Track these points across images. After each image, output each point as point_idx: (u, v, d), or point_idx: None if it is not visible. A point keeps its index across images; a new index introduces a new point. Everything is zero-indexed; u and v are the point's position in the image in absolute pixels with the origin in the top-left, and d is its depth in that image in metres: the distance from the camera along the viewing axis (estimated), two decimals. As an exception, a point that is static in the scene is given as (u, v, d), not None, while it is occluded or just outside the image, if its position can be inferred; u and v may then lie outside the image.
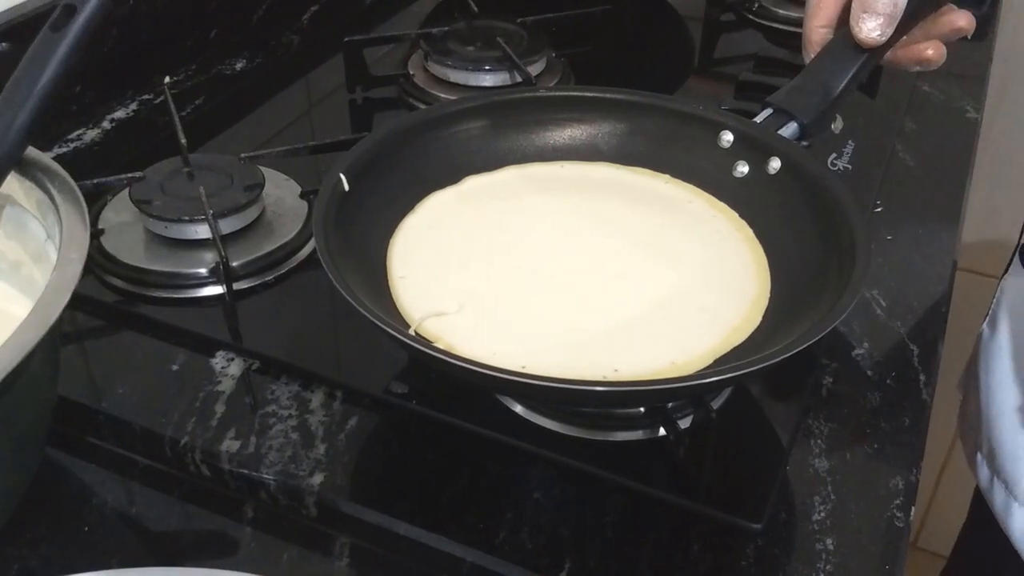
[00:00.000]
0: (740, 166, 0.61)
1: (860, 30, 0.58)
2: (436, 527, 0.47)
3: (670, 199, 0.62)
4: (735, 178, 0.61)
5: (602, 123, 0.65)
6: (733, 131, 0.62)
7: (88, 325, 0.60)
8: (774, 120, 0.60)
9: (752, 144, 0.61)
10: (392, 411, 0.53)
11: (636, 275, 0.56)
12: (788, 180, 0.58)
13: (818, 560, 0.46)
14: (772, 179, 0.59)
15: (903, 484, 0.50)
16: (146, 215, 0.63)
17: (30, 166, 0.49)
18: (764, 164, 0.60)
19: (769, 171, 0.59)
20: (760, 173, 0.60)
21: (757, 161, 0.60)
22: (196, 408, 0.53)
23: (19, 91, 0.47)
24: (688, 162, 0.63)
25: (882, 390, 0.56)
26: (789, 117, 0.60)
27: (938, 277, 0.65)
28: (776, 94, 0.61)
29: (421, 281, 0.56)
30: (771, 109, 0.61)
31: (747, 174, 0.61)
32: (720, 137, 0.62)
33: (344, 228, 0.53)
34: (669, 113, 0.64)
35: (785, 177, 0.59)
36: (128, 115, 0.83)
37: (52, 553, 0.47)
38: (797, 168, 0.58)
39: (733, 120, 0.62)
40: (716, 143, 0.62)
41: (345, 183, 0.55)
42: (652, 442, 0.51)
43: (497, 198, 0.62)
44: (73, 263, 0.42)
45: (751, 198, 0.60)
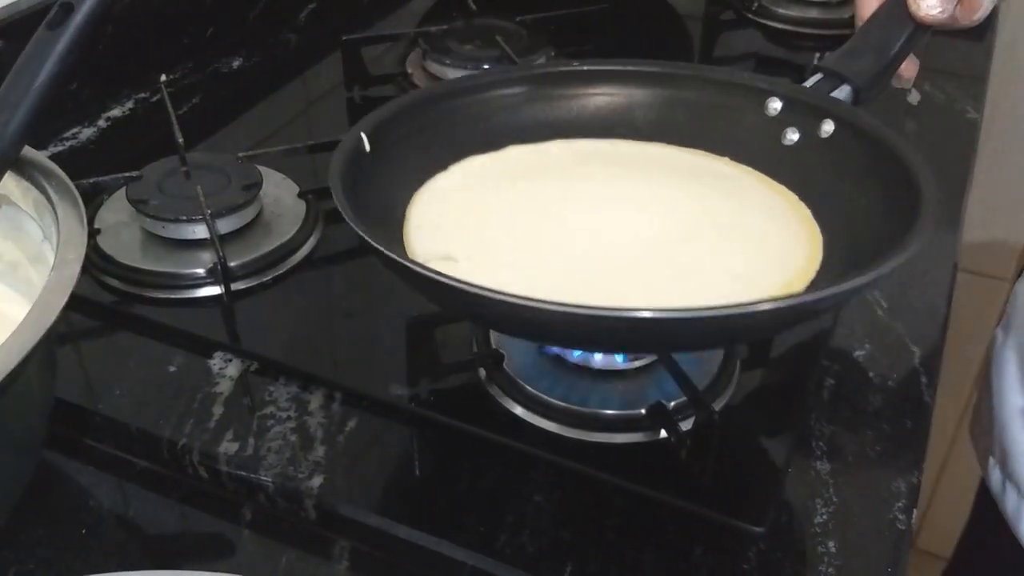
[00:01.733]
0: (790, 133, 0.59)
1: (919, 7, 0.57)
2: (436, 530, 0.47)
3: (720, 175, 0.60)
4: (784, 146, 0.59)
5: (642, 96, 0.63)
6: (782, 97, 0.59)
7: (85, 326, 0.59)
8: (825, 84, 0.58)
9: (802, 109, 0.58)
10: (392, 413, 0.53)
11: (674, 246, 0.54)
12: (843, 141, 0.56)
13: (820, 563, 0.46)
14: (825, 143, 0.57)
15: (905, 486, 0.50)
16: (143, 215, 0.62)
17: (27, 166, 0.48)
18: (816, 128, 0.57)
19: (821, 135, 0.57)
20: (811, 138, 0.57)
21: (808, 126, 0.57)
22: (194, 410, 0.53)
23: (15, 90, 0.46)
24: (733, 133, 0.61)
25: (884, 392, 0.55)
26: (841, 80, 0.58)
27: (939, 278, 0.65)
28: (827, 58, 0.59)
29: (436, 231, 0.54)
30: (821, 74, 0.59)
31: (798, 140, 0.58)
32: (767, 105, 0.59)
33: (361, 188, 0.51)
34: (711, 83, 0.62)
35: (839, 139, 0.56)
36: (124, 113, 0.83)
37: (49, 556, 0.47)
38: (852, 127, 0.55)
39: (781, 86, 0.59)
40: (763, 111, 0.60)
41: (367, 143, 0.53)
42: (653, 444, 0.51)
43: (538, 167, 0.60)
44: (70, 264, 0.41)
45: (803, 165, 0.58)
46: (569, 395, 0.53)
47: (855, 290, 0.42)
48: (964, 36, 1.02)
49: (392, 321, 0.58)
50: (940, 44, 0.99)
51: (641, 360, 0.54)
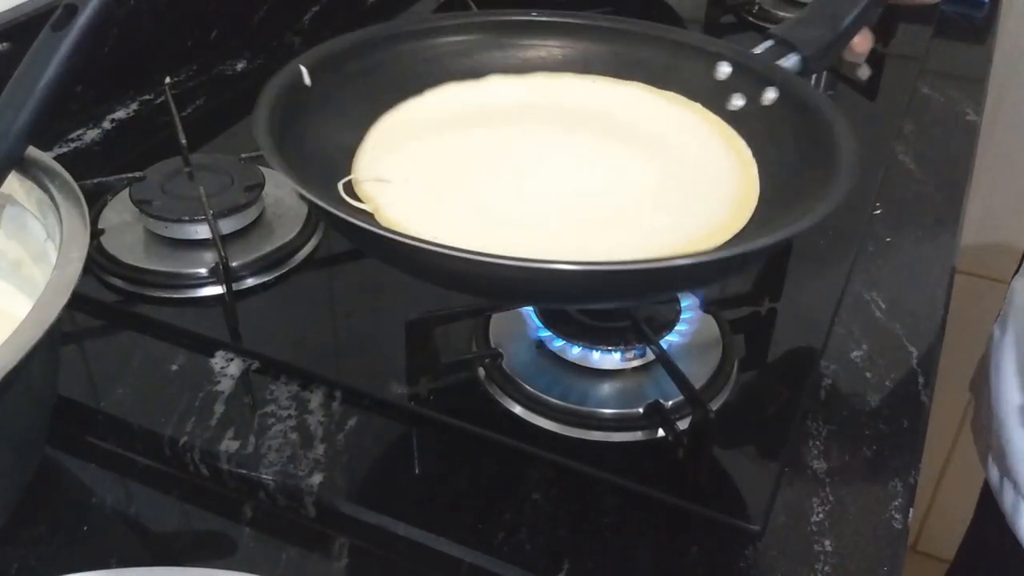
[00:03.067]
0: (735, 99, 0.58)
1: None
2: (435, 528, 0.47)
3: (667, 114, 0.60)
4: (728, 112, 0.59)
5: (593, 50, 0.63)
6: (731, 62, 0.59)
7: (88, 325, 0.60)
8: (775, 52, 0.58)
9: (749, 75, 0.58)
10: (391, 412, 0.53)
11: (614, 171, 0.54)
12: (783, 111, 0.56)
13: (816, 561, 0.46)
14: (766, 111, 0.56)
15: (902, 486, 0.50)
16: (146, 215, 0.63)
17: (31, 166, 0.49)
18: (759, 95, 0.57)
19: (764, 102, 0.57)
20: (755, 105, 0.57)
21: (753, 93, 0.57)
22: (195, 408, 0.53)
23: (20, 91, 0.47)
24: (683, 92, 0.61)
25: (881, 392, 0.56)
26: (790, 48, 0.57)
27: (938, 279, 0.65)
28: (780, 25, 0.59)
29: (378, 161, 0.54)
30: (772, 41, 0.58)
31: (743, 107, 0.58)
32: (717, 68, 0.59)
33: (296, 122, 0.51)
34: (664, 43, 0.61)
35: (780, 108, 0.56)
36: (129, 115, 0.83)
37: (51, 553, 0.47)
38: (793, 97, 0.55)
39: (731, 51, 0.59)
40: (712, 75, 0.59)
41: (307, 76, 0.53)
42: (650, 443, 0.51)
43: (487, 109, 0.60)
44: (73, 262, 0.42)
45: (744, 131, 0.58)
46: (567, 394, 0.53)
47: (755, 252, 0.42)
48: (964, 39, 1.03)
49: (392, 320, 0.58)
50: (940, 47, 1.00)
51: (639, 359, 0.54)
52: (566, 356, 0.55)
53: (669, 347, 0.53)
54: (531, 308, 0.56)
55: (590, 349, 0.54)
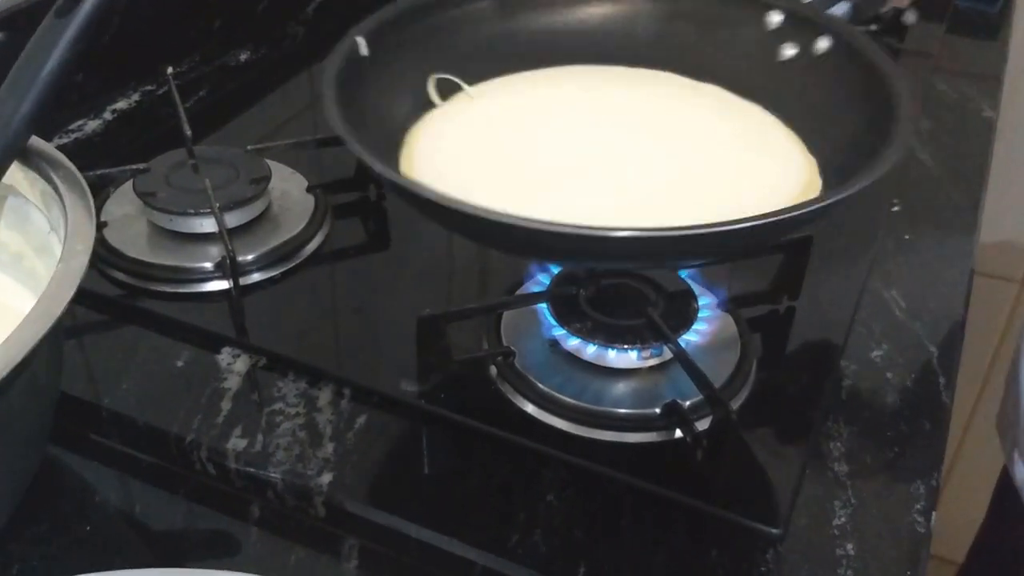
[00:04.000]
0: (787, 49, 0.58)
1: None
2: (447, 529, 0.46)
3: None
4: (778, 63, 0.58)
5: (645, 6, 0.62)
6: (782, 10, 0.58)
7: (91, 320, 0.59)
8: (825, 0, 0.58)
9: (801, 23, 0.58)
10: (402, 410, 0.52)
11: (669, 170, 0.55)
12: (836, 60, 0.55)
13: (839, 565, 0.45)
14: (819, 60, 0.56)
15: (924, 488, 0.49)
16: (150, 208, 0.62)
17: (34, 156, 0.47)
18: (812, 44, 0.57)
19: (816, 52, 0.56)
20: (807, 54, 0.57)
21: (805, 42, 0.57)
22: (202, 405, 0.52)
23: (22, 78, 0.45)
24: (733, 45, 0.60)
25: (902, 393, 0.55)
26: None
27: (957, 278, 0.64)
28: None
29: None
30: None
31: (794, 56, 0.58)
32: (767, 17, 0.59)
33: (357, 98, 0.51)
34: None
35: (833, 57, 0.56)
36: (130, 106, 0.82)
37: (54, 553, 0.46)
38: (847, 46, 0.55)
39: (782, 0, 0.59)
40: (762, 25, 0.59)
41: (364, 47, 0.53)
42: (668, 444, 0.50)
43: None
44: (79, 255, 0.41)
45: (795, 80, 0.57)
46: (582, 393, 0.52)
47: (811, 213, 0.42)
48: (977, 35, 1.02)
49: (402, 317, 0.57)
50: (954, 43, 0.99)
51: (656, 358, 0.53)
52: (581, 355, 0.53)
53: (687, 346, 0.52)
54: (545, 306, 0.55)
55: (606, 348, 0.53)
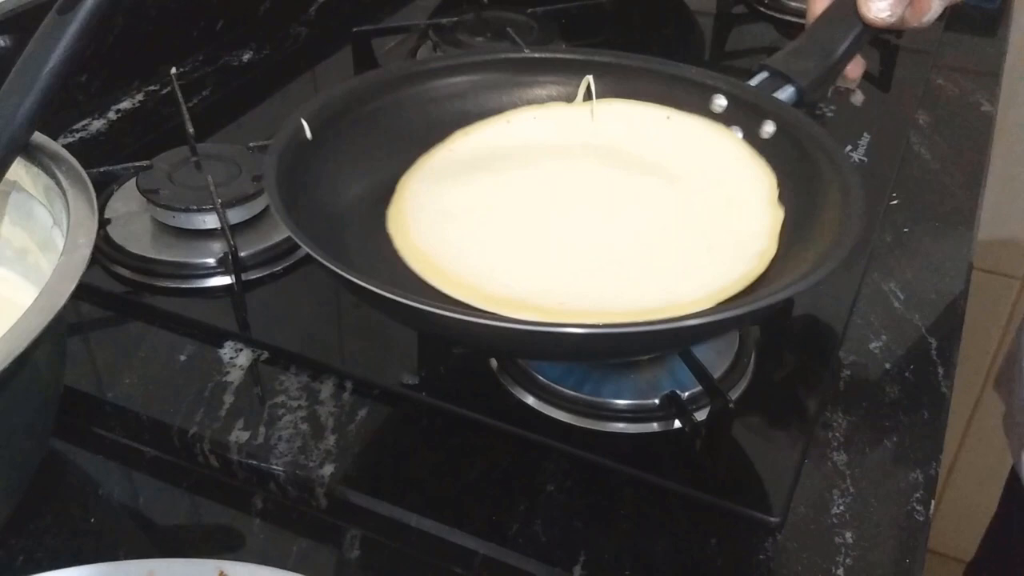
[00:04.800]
0: (734, 132, 0.58)
1: (869, 9, 0.57)
2: (448, 519, 0.46)
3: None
4: None
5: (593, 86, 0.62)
6: (726, 95, 0.58)
7: (95, 316, 0.59)
8: (770, 83, 0.58)
9: (746, 108, 0.58)
10: (403, 402, 0.53)
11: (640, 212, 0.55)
12: (783, 143, 0.55)
13: (837, 554, 0.45)
14: (765, 144, 0.56)
15: (923, 477, 0.49)
16: (154, 204, 0.62)
17: (37, 152, 0.48)
18: (758, 128, 0.57)
19: (763, 135, 0.56)
20: (753, 138, 0.57)
21: (751, 125, 0.57)
22: (204, 399, 0.52)
23: (25, 75, 0.46)
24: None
25: (900, 383, 0.55)
26: (786, 80, 0.57)
27: (956, 269, 0.64)
28: (774, 57, 0.59)
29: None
30: (767, 72, 0.58)
31: (741, 139, 0.58)
32: (713, 101, 0.59)
33: (302, 179, 0.51)
34: (659, 76, 0.61)
35: (780, 140, 0.56)
36: (134, 105, 0.82)
37: (58, 544, 0.46)
38: (792, 130, 0.55)
39: (726, 83, 0.59)
40: (708, 107, 0.59)
41: (307, 129, 0.52)
42: (667, 434, 0.50)
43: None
44: (81, 248, 0.41)
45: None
46: (581, 385, 0.52)
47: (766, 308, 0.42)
48: (977, 32, 1.02)
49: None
50: (952, 40, 0.99)
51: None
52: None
53: (686, 337, 0.53)
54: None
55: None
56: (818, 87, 0.58)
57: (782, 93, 0.58)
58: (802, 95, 0.58)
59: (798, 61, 0.58)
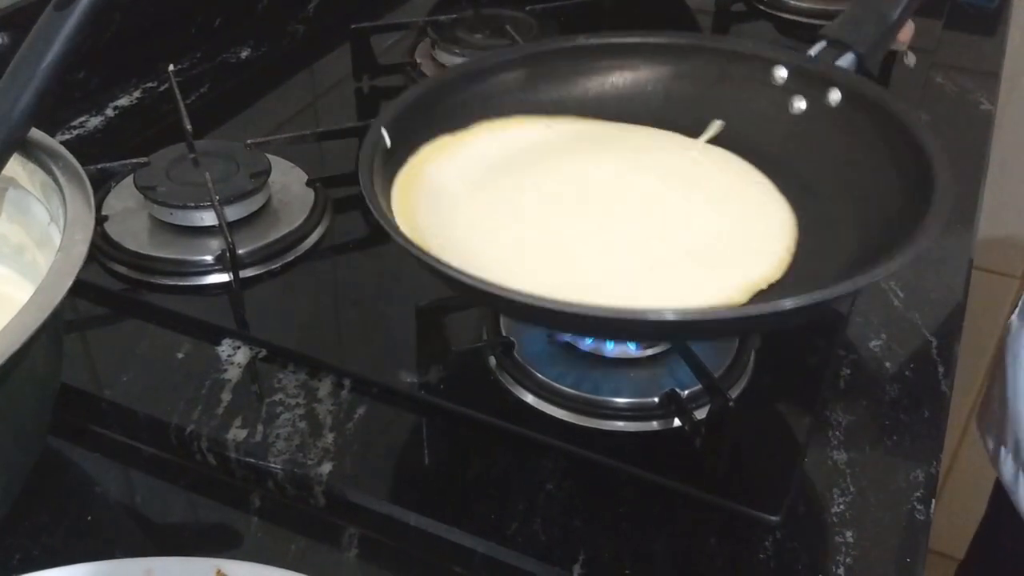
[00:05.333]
0: (797, 102, 0.59)
1: None
2: (447, 518, 0.46)
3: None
4: (792, 115, 0.59)
5: (646, 69, 0.63)
6: (787, 66, 0.59)
7: (92, 313, 0.59)
8: (829, 52, 0.58)
9: (809, 77, 0.58)
10: (401, 400, 0.52)
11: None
12: (850, 110, 0.56)
13: (838, 553, 0.45)
14: (833, 111, 0.57)
15: (923, 476, 0.49)
16: (151, 201, 0.62)
17: (34, 148, 0.48)
18: (823, 97, 0.57)
19: (829, 103, 0.57)
20: (819, 107, 0.57)
21: (815, 95, 0.57)
22: (202, 396, 0.52)
23: (23, 70, 0.46)
24: (740, 103, 0.60)
25: (900, 382, 0.55)
26: (845, 48, 0.58)
27: (956, 269, 0.64)
28: (829, 26, 0.59)
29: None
30: (825, 42, 0.59)
31: (805, 109, 0.58)
32: (773, 74, 0.59)
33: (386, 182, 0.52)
34: (715, 53, 0.61)
35: (847, 107, 0.56)
36: (132, 102, 0.82)
37: (54, 543, 0.46)
38: (860, 96, 0.55)
39: (786, 55, 0.59)
40: (769, 81, 0.60)
41: (387, 139, 0.53)
42: (667, 433, 0.50)
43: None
44: (78, 244, 0.41)
45: (809, 134, 0.58)
46: (580, 383, 0.52)
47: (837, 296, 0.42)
48: (976, 31, 1.02)
49: (401, 308, 0.57)
50: (951, 39, 0.99)
51: (654, 348, 0.53)
52: (579, 345, 0.53)
53: (685, 335, 0.52)
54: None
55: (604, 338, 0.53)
56: (876, 52, 0.59)
57: (843, 61, 0.58)
58: (862, 61, 0.58)
59: (856, 28, 0.59)
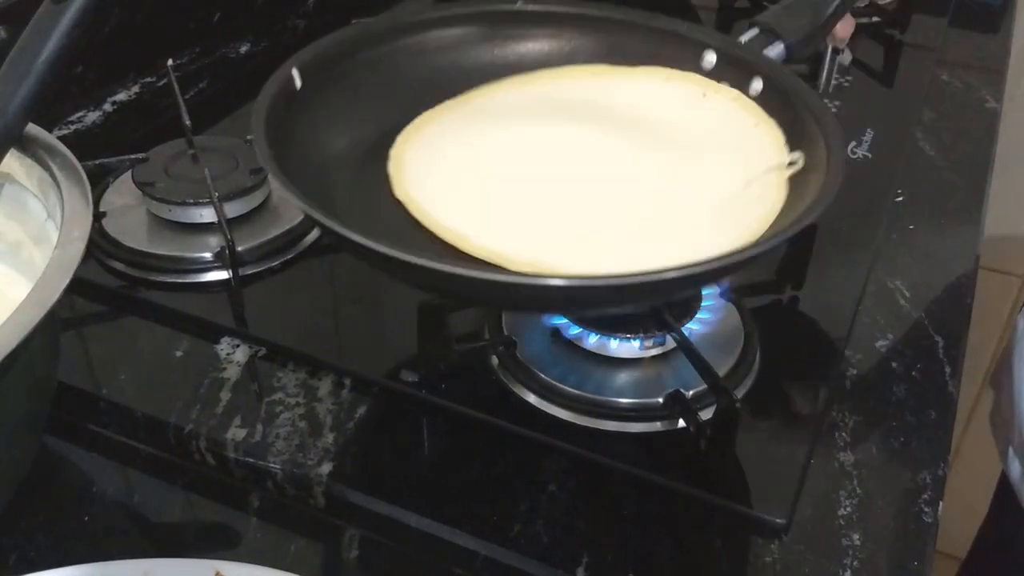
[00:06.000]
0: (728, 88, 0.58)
1: None
2: (448, 519, 0.46)
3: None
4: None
5: (579, 40, 0.62)
6: (717, 51, 0.58)
7: (89, 310, 0.58)
8: (760, 40, 0.58)
9: (736, 64, 0.57)
10: (402, 400, 0.52)
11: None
12: (769, 101, 0.55)
13: (844, 556, 0.44)
14: (753, 100, 0.56)
15: (930, 478, 0.49)
16: (149, 198, 0.61)
17: (31, 143, 0.47)
18: (747, 85, 0.57)
19: (751, 92, 0.56)
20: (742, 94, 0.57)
21: (739, 83, 0.57)
22: (201, 395, 0.52)
23: (19, 64, 0.45)
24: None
25: (907, 382, 0.54)
26: (775, 37, 0.58)
27: (962, 267, 0.63)
28: (764, 13, 0.59)
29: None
30: (757, 29, 0.58)
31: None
32: (703, 57, 0.59)
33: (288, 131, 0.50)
34: (650, 32, 0.60)
35: (766, 98, 0.56)
36: (130, 97, 0.82)
37: (51, 543, 0.46)
38: (779, 87, 0.55)
39: (717, 39, 0.59)
40: (698, 64, 0.59)
41: (298, 79, 0.52)
42: (671, 434, 0.50)
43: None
44: (75, 242, 0.40)
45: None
46: (583, 383, 0.51)
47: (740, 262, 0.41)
48: (981, 28, 1.01)
49: (401, 307, 0.56)
50: (956, 36, 0.98)
51: (658, 347, 0.53)
52: (583, 344, 0.53)
53: (691, 335, 0.52)
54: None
55: (608, 337, 0.52)
56: (807, 45, 0.58)
57: (772, 50, 0.58)
58: (791, 51, 0.58)
59: (789, 19, 0.58)
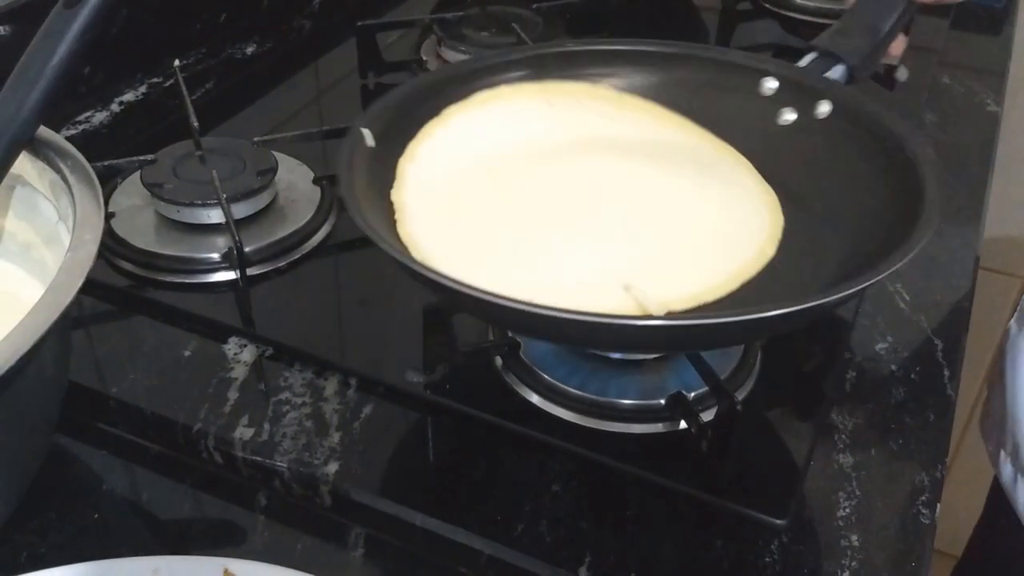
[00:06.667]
0: (786, 113, 0.58)
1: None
2: (453, 518, 0.46)
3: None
4: (779, 126, 0.59)
5: (635, 76, 0.62)
6: (777, 77, 0.59)
7: (98, 310, 0.59)
8: (819, 64, 0.58)
9: (798, 89, 0.58)
10: (407, 400, 0.52)
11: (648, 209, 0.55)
12: (840, 123, 0.56)
13: (843, 556, 0.45)
14: (821, 124, 0.57)
15: (928, 480, 0.49)
16: (158, 199, 0.62)
17: (42, 146, 0.48)
18: (812, 108, 0.57)
19: (818, 115, 0.57)
20: (808, 118, 0.57)
21: (805, 106, 0.57)
22: (209, 394, 0.52)
23: (32, 68, 0.45)
24: (727, 112, 0.60)
25: (906, 385, 0.55)
26: (836, 60, 0.58)
27: (962, 271, 0.64)
28: (820, 37, 0.60)
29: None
30: (816, 53, 0.59)
31: (794, 121, 0.58)
32: (762, 84, 0.59)
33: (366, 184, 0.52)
34: (705, 62, 0.61)
35: (836, 120, 0.56)
36: (138, 98, 0.82)
37: (61, 541, 0.46)
38: (850, 109, 0.55)
39: (776, 66, 0.59)
40: (758, 91, 0.59)
41: (369, 138, 0.53)
42: (673, 435, 0.50)
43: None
44: (87, 245, 0.41)
45: (796, 146, 0.57)
46: (587, 384, 0.52)
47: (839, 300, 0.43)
48: (982, 30, 1.02)
49: (407, 308, 0.57)
50: (957, 38, 0.99)
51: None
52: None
53: (692, 337, 0.52)
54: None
55: (611, 338, 0.53)
56: (866, 65, 0.59)
57: (833, 73, 0.58)
58: (852, 73, 0.58)
59: (847, 40, 0.59)
